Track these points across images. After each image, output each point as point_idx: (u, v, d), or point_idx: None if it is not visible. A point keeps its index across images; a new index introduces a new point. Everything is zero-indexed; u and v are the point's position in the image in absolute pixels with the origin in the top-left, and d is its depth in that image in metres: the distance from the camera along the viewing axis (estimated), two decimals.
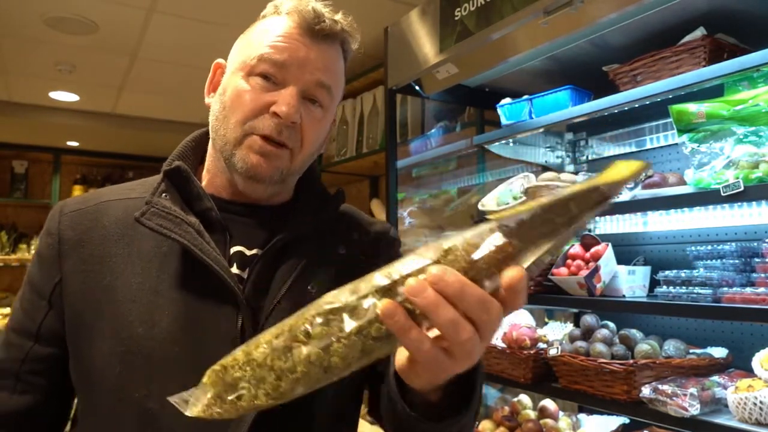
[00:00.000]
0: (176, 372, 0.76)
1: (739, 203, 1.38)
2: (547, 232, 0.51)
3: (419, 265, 0.51)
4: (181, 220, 0.81)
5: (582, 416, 2.02)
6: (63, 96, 3.98)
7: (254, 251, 0.85)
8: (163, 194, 0.84)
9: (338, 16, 0.86)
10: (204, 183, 0.90)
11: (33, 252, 4.81)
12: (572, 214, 0.50)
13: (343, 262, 0.87)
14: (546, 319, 2.31)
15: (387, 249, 0.95)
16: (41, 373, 0.84)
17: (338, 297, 0.52)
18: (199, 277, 0.79)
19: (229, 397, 0.53)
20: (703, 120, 1.49)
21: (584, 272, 1.73)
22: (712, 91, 1.54)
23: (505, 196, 2.10)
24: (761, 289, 1.38)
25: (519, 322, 1.98)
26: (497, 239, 0.50)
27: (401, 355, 0.58)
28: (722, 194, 1.35)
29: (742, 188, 1.32)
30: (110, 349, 0.78)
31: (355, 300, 0.51)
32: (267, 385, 0.52)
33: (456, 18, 1.94)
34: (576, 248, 1.85)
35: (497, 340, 1.96)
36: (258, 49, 0.82)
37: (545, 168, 2.29)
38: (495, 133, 2.09)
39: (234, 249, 0.85)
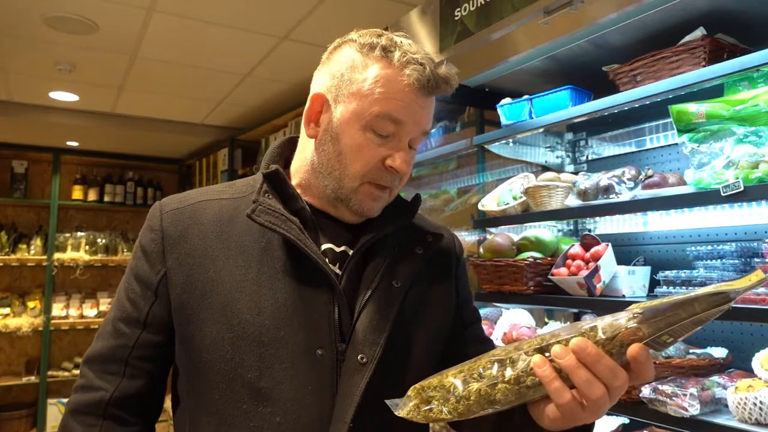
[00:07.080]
0: (283, 354, 0.85)
1: (739, 203, 1.38)
2: (672, 323, 0.64)
3: (565, 336, 0.68)
4: (286, 218, 0.89)
5: None
6: (63, 96, 3.98)
7: (342, 248, 0.94)
8: (266, 194, 0.92)
9: (443, 70, 0.90)
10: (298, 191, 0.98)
11: (33, 253, 4.76)
12: (695, 311, 0.63)
13: (420, 261, 0.97)
14: (546, 319, 2.31)
15: (457, 256, 1.08)
16: (149, 359, 0.92)
17: (506, 351, 0.71)
18: (298, 268, 0.89)
19: (423, 408, 0.71)
20: (703, 120, 1.49)
21: (584, 272, 1.73)
22: (712, 91, 1.54)
23: (505, 197, 2.10)
24: (761, 289, 1.38)
25: (519, 322, 1.98)
26: (633, 325, 0.66)
27: (537, 405, 0.73)
28: (722, 194, 1.35)
29: (742, 188, 1.32)
30: (220, 335, 0.85)
31: (517, 355, 0.70)
32: (450, 405, 0.70)
33: (456, 18, 1.94)
34: (576, 248, 1.85)
35: (497, 341, 1.96)
36: (374, 103, 0.87)
37: (545, 168, 2.29)
38: (495, 133, 2.09)
39: (324, 246, 0.94)
